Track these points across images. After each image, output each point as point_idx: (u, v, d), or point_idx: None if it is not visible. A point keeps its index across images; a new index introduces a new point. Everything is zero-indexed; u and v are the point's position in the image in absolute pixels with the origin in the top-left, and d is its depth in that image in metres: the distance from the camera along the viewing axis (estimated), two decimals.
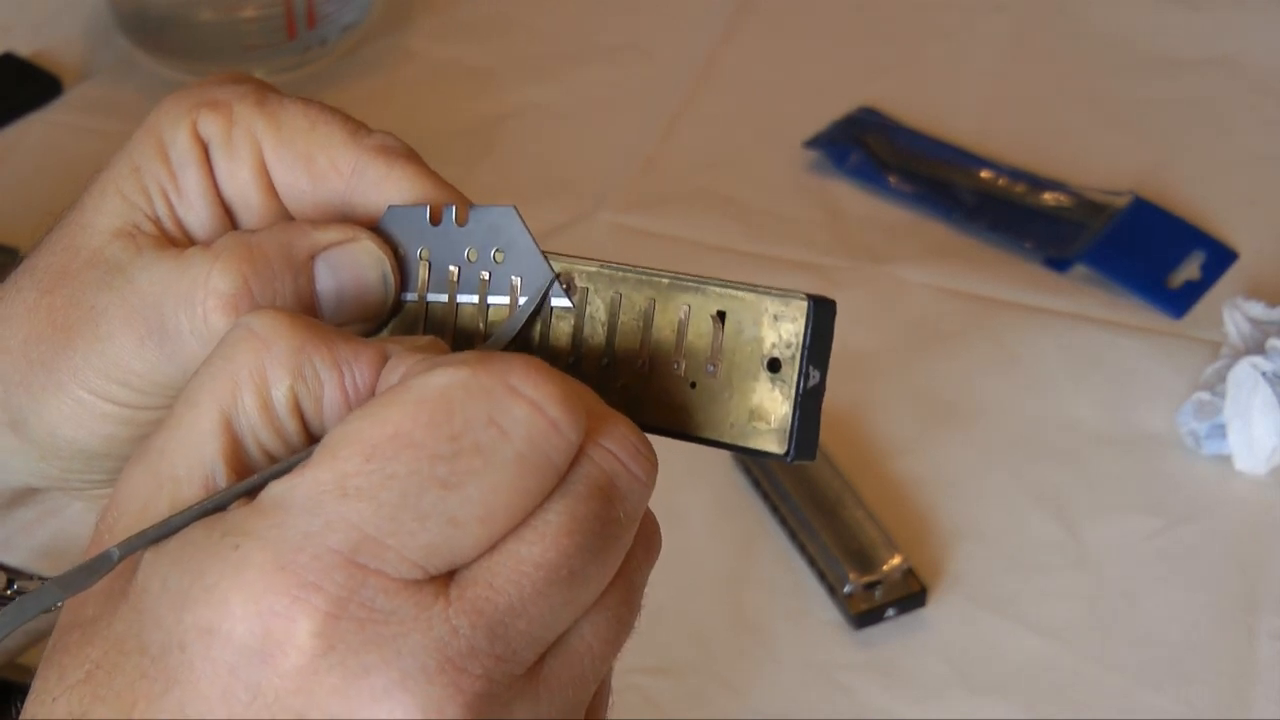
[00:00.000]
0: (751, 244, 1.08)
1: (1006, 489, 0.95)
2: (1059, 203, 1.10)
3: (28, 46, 1.24)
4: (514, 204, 0.49)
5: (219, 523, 0.42)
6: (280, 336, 0.44)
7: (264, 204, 0.51)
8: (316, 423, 0.45)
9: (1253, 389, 0.93)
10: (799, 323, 0.47)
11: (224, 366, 0.44)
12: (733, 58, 1.23)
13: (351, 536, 0.41)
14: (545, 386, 0.42)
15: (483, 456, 0.41)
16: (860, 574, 0.88)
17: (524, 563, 0.42)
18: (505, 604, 0.42)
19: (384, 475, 0.41)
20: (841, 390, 0.99)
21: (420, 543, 0.41)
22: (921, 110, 1.18)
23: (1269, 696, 0.85)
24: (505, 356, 0.42)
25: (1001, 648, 0.88)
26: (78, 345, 0.50)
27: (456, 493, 0.41)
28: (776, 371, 0.47)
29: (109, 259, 0.50)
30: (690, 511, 0.94)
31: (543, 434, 0.42)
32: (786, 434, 0.47)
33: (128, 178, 0.51)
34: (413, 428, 0.41)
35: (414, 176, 0.50)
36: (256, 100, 0.51)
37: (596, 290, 0.49)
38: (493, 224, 0.49)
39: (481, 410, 0.41)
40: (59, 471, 0.52)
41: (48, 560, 0.57)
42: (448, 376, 0.42)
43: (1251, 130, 1.17)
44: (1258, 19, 1.24)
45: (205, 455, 0.44)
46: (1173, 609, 0.89)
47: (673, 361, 0.48)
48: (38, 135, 1.18)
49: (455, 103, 1.20)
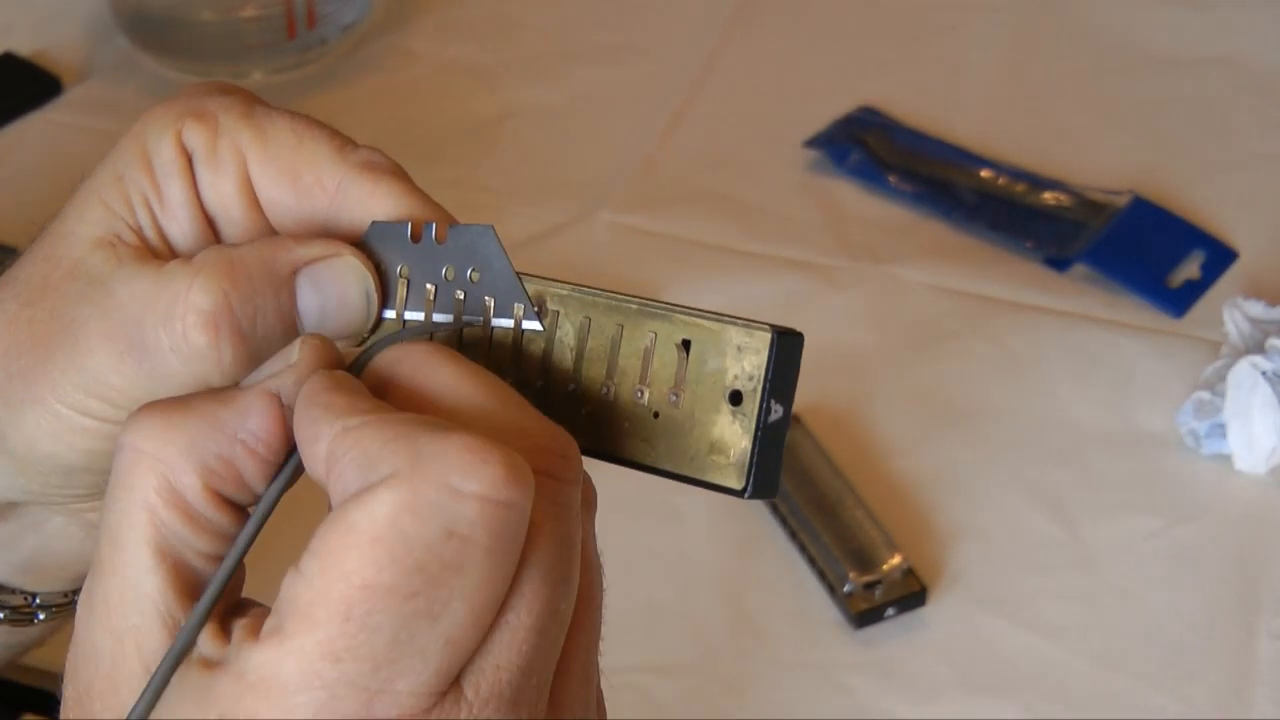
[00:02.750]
0: (751, 244, 1.08)
1: (1006, 489, 0.95)
2: (1059, 202, 1.10)
3: (28, 46, 1.24)
4: (492, 224, 0.48)
5: (207, 700, 0.41)
6: (169, 443, 0.44)
7: (247, 217, 0.50)
8: (243, 496, 0.45)
9: (1253, 388, 0.93)
10: (762, 355, 0.45)
11: (130, 498, 0.44)
12: (733, 58, 1.23)
13: (361, 697, 0.40)
14: (487, 471, 0.41)
15: (454, 571, 0.41)
16: (860, 574, 0.88)
17: (518, 631, 0.42)
18: (517, 676, 0.42)
19: (369, 630, 0.40)
20: (842, 390, 1.00)
21: (429, 673, 0.41)
22: (921, 110, 1.18)
23: (1269, 696, 0.85)
24: (437, 449, 0.41)
25: (1001, 648, 0.88)
26: (57, 359, 0.49)
27: (444, 616, 0.41)
28: (738, 404, 0.46)
29: (89, 270, 0.49)
30: (690, 511, 0.94)
31: (501, 522, 0.41)
32: (745, 469, 0.46)
33: (110, 186, 0.50)
34: (378, 573, 0.40)
35: (400, 194, 0.49)
36: (243, 112, 0.50)
37: (567, 314, 0.48)
38: (470, 243, 0.48)
39: (436, 529, 0.40)
40: (38, 486, 0.52)
41: (29, 575, 0.57)
42: (388, 504, 0.40)
43: (1251, 130, 1.17)
44: (1258, 19, 1.24)
45: (152, 594, 0.44)
46: (1173, 609, 0.89)
47: (636, 389, 0.47)
48: (38, 135, 1.18)
49: (455, 103, 1.20)
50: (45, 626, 0.58)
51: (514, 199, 1.11)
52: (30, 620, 0.58)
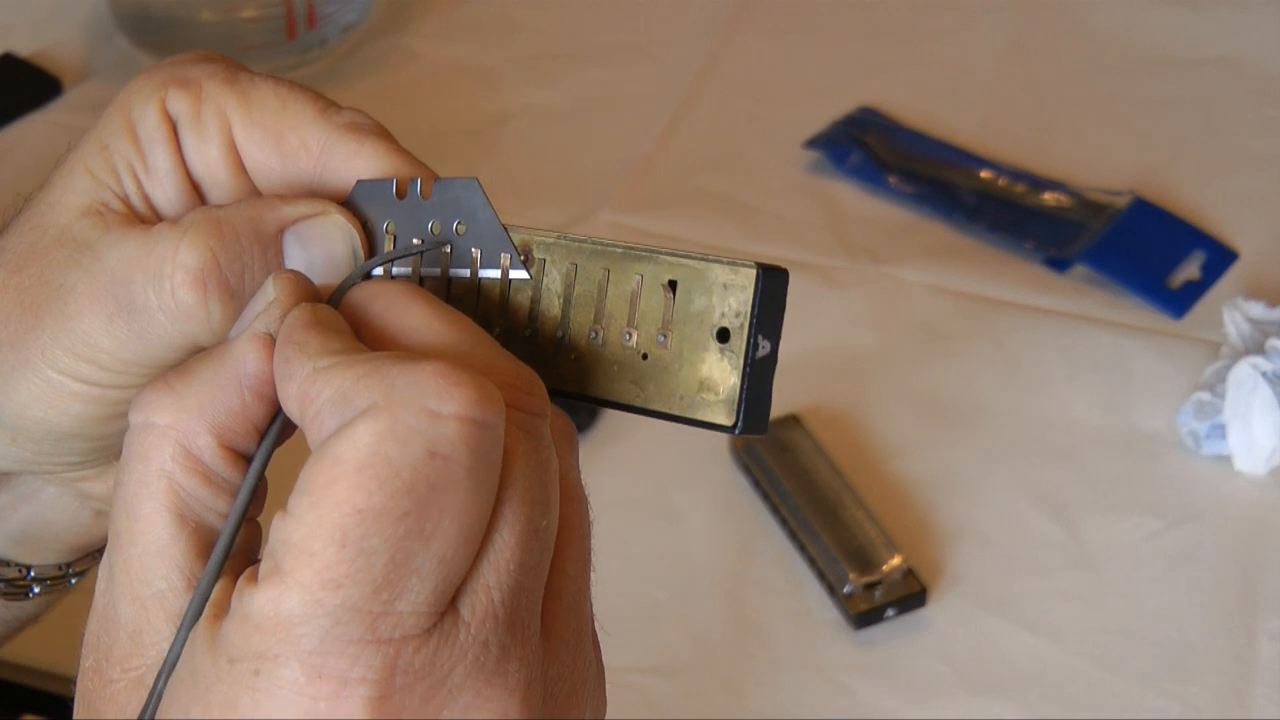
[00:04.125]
0: (751, 244, 1.08)
1: (1006, 489, 0.95)
2: (1059, 203, 1.10)
3: (28, 46, 1.24)
4: (476, 176, 0.48)
5: (217, 647, 0.42)
6: (179, 409, 0.45)
7: (233, 182, 0.50)
8: (255, 447, 0.46)
9: (1253, 389, 0.93)
10: (748, 291, 0.46)
11: (146, 469, 0.45)
12: (733, 58, 1.23)
13: (365, 620, 0.41)
14: (460, 393, 0.42)
15: (440, 490, 0.41)
16: (860, 574, 0.88)
17: (504, 551, 0.43)
18: (508, 595, 0.43)
19: (366, 554, 0.41)
20: (842, 390, 1.00)
21: (426, 591, 0.42)
22: (921, 110, 1.18)
23: (1269, 696, 0.85)
24: (410, 376, 0.42)
25: (1001, 648, 0.88)
26: (46, 324, 0.50)
27: (435, 535, 0.41)
28: (726, 342, 0.46)
29: (77, 237, 0.50)
30: (690, 511, 0.94)
31: (479, 439, 0.42)
32: (734, 405, 0.46)
33: (96, 156, 0.50)
34: (368, 498, 0.41)
35: (383, 153, 0.49)
36: (226, 78, 0.50)
37: (553, 262, 0.48)
38: (455, 196, 0.48)
39: (419, 450, 0.41)
40: (31, 455, 0.52)
41: (23, 546, 0.57)
42: (370, 432, 0.41)
43: (1251, 130, 1.17)
44: (1258, 19, 1.24)
45: (178, 559, 0.45)
46: (1173, 609, 0.89)
47: (625, 332, 0.47)
48: (38, 135, 1.18)
49: (455, 103, 1.20)
50: (40, 601, 0.59)
51: (514, 199, 1.11)
52: (25, 595, 0.58)
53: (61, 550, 0.58)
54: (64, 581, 0.58)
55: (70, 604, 0.60)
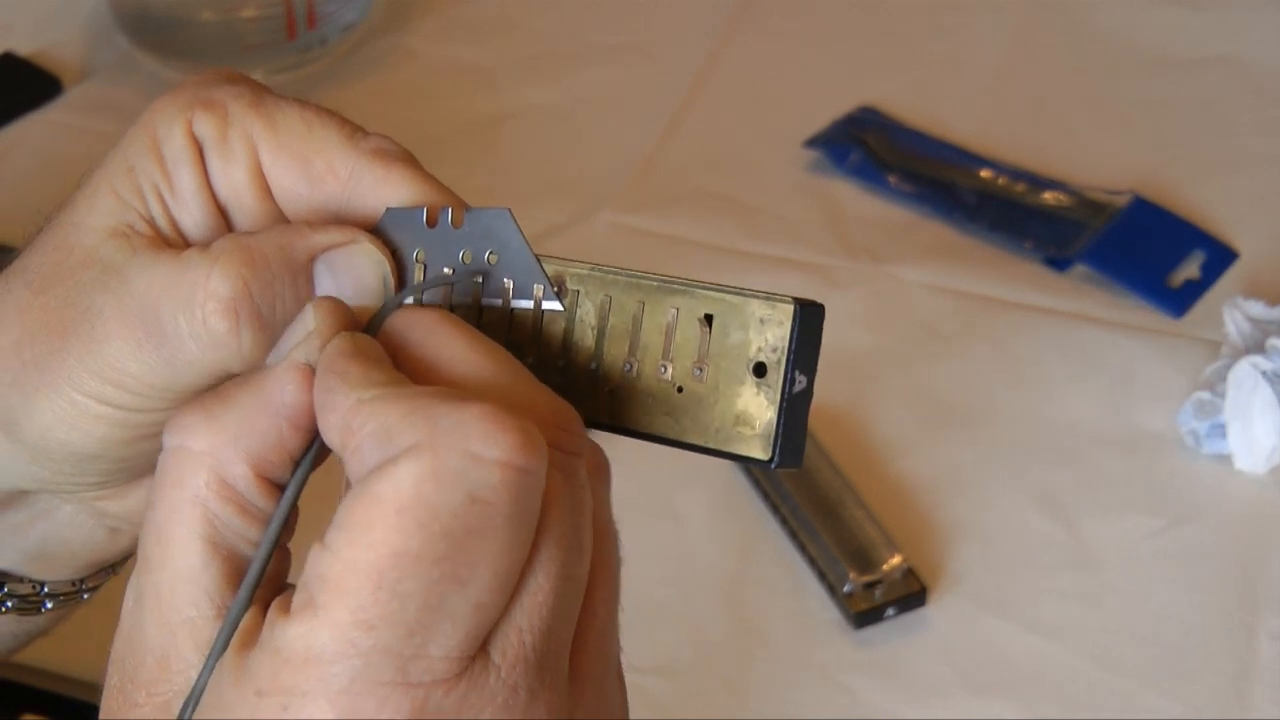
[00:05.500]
0: (751, 244, 1.08)
1: (1006, 489, 0.95)
2: (1059, 202, 1.10)
3: (28, 46, 1.24)
4: (509, 207, 0.49)
5: (244, 678, 0.42)
6: (215, 436, 0.45)
7: (259, 206, 0.50)
8: (289, 476, 0.46)
9: (1253, 389, 0.93)
10: (785, 327, 0.46)
11: (179, 495, 0.45)
12: (733, 58, 1.23)
13: (396, 663, 0.41)
14: (505, 438, 0.42)
15: (479, 536, 0.41)
16: (860, 574, 0.88)
17: (538, 595, 0.43)
18: (540, 639, 0.43)
19: (400, 597, 0.41)
20: (842, 390, 1.00)
21: (459, 636, 0.42)
22: (921, 110, 1.18)
23: (1269, 696, 0.85)
24: (455, 418, 0.42)
25: (1001, 648, 0.88)
26: (72, 346, 0.49)
27: (471, 580, 0.41)
28: (762, 376, 0.46)
29: (104, 259, 0.50)
30: (690, 511, 0.94)
31: (521, 486, 0.42)
32: (771, 439, 0.46)
33: (122, 177, 0.50)
34: (405, 541, 0.41)
35: (411, 180, 0.49)
36: (252, 101, 0.50)
37: (587, 293, 0.48)
38: (487, 226, 0.48)
39: (460, 495, 0.41)
40: (50, 474, 0.52)
41: (38, 563, 0.57)
42: (412, 473, 0.41)
43: (1251, 130, 1.17)
44: (1258, 19, 1.24)
45: (209, 588, 0.45)
46: (1173, 609, 0.89)
47: (660, 365, 0.47)
48: (38, 135, 1.18)
49: (455, 103, 1.20)
50: (52, 616, 0.58)
51: (514, 199, 1.10)
52: (38, 610, 0.58)
53: (75, 567, 0.58)
54: (76, 597, 0.58)
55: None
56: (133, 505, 0.55)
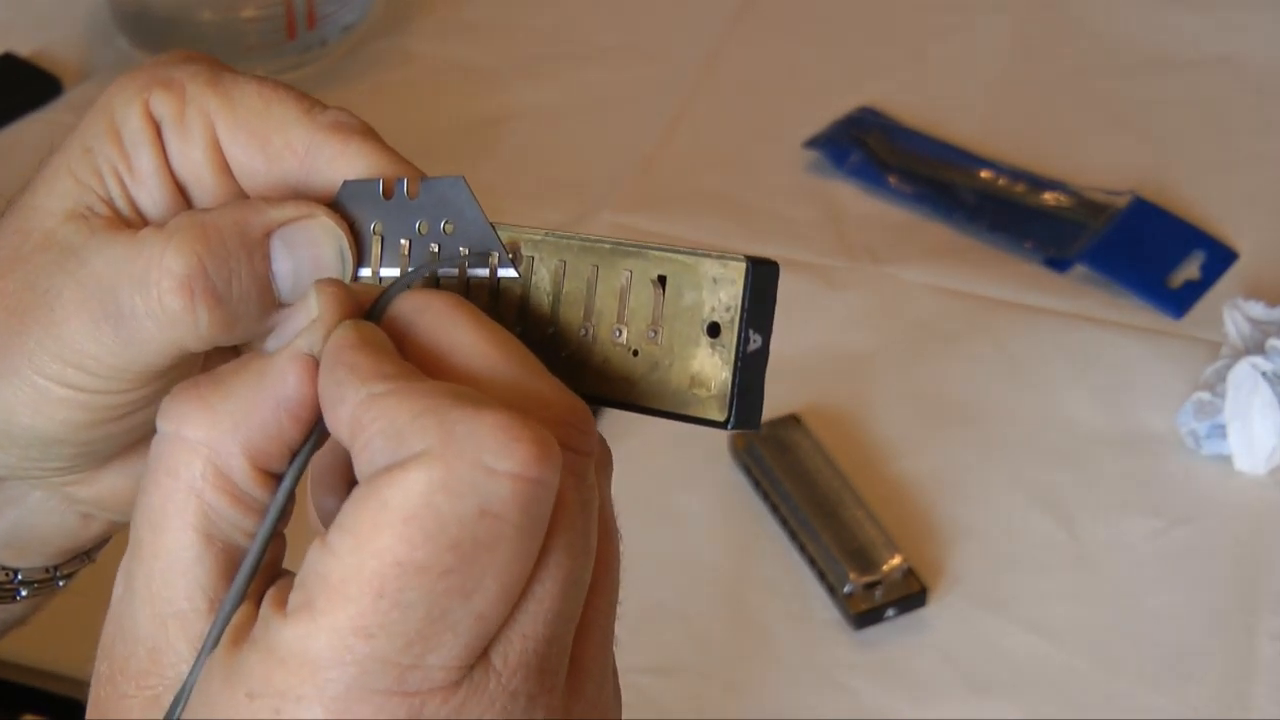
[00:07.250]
0: (751, 244, 1.08)
1: (1006, 489, 0.95)
2: (1059, 203, 1.10)
3: (28, 46, 1.24)
4: (462, 175, 0.48)
5: (236, 678, 0.42)
6: (213, 426, 0.44)
7: (218, 183, 0.50)
8: (286, 466, 0.45)
9: (1253, 389, 0.93)
10: (737, 285, 0.45)
11: (174, 483, 0.44)
12: (733, 58, 1.23)
13: (393, 673, 0.40)
14: (520, 450, 0.41)
15: (487, 549, 0.41)
16: (860, 574, 0.88)
17: (544, 601, 0.42)
18: (542, 645, 0.42)
19: (402, 607, 0.40)
20: (841, 390, 1.00)
21: (459, 647, 0.41)
22: (921, 110, 1.18)
23: (1269, 696, 0.85)
24: (469, 426, 0.41)
25: (1001, 648, 0.88)
26: (32, 330, 0.49)
27: (476, 593, 0.41)
28: (716, 336, 0.46)
29: (61, 241, 0.49)
30: (690, 511, 0.94)
31: (533, 499, 0.41)
32: (726, 400, 0.45)
33: (79, 159, 0.50)
34: (410, 551, 0.40)
35: (369, 153, 0.49)
36: (209, 79, 0.50)
37: (542, 259, 0.48)
38: (442, 195, 0.48)
39: (470, 507, 0.40)
40: (17, 460, 0.52)
41: (9, 549, 0.57)
42: (422, 483, 0.40)
43: (1251, 130, 1.17)
44: (1258, 19, 1.24)
45: (202, 580, 0.44)
46: (1173, 609, 0.89)
47: (615, 329, 0.47)
48: (38, 135, 1.18)
49: (455, 103, 1.20)
50: (28, 604, 0.58)
51: (514, 199, 1.11)
52: (13, 597, 0.57)
53: (49, 554, 0.57)
54: (52, 584, 0.58)
55: (70, 606, 0.60)
56: (103, 491, 0.55)
